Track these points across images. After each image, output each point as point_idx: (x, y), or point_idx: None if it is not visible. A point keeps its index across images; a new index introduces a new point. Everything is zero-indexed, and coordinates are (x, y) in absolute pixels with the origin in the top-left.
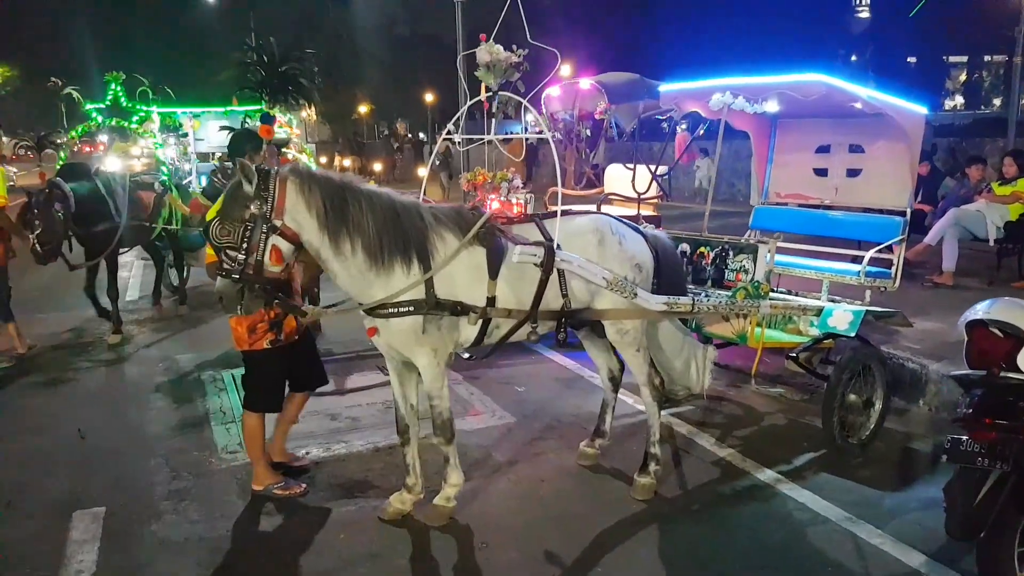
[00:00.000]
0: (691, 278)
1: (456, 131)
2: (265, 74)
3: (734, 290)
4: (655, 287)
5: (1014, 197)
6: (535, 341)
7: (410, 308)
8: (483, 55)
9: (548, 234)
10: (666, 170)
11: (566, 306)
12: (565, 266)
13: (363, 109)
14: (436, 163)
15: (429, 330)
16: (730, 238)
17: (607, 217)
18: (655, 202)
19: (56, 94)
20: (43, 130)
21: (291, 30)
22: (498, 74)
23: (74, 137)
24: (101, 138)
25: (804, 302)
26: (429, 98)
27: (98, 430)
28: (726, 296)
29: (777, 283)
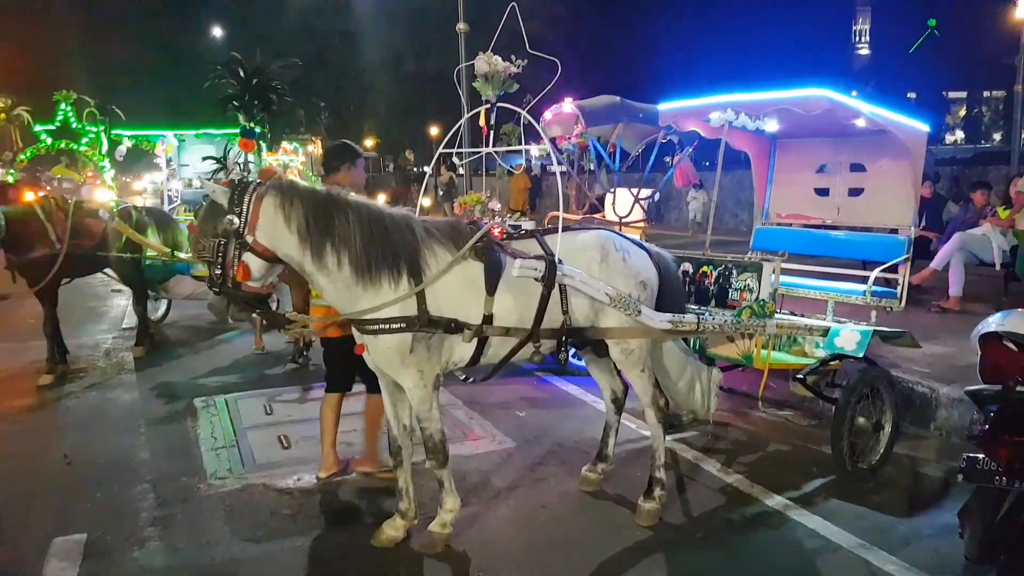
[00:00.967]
0: (693, 298)
1: (455, 145)
2: (239, 87)
3: (739, 309)
4: (657, 306)
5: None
6: (539, 362)
7: (401, 325)
8: (481, 65)
9: (549, 249)
10: (649, 193)
11: (566, 323)
12: (567, 281)
13: (369, 143)
14: (440, 193)
15: (417, 349)
16: (733, 257)
17: (611, 232)
18: (641, 227)
19: (6, 114)
20: None
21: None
22: (496, 85)
23: (23, 161)
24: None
25: (810, 322)
26: (434, 131)
27: (85, 455)
28: (731, 315)
29: (781, 304)
